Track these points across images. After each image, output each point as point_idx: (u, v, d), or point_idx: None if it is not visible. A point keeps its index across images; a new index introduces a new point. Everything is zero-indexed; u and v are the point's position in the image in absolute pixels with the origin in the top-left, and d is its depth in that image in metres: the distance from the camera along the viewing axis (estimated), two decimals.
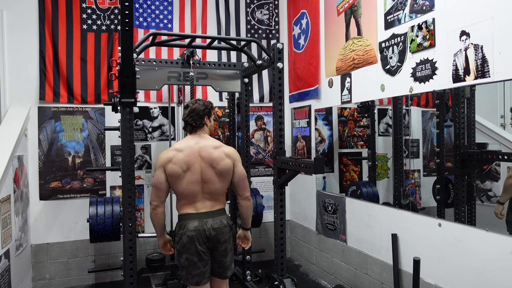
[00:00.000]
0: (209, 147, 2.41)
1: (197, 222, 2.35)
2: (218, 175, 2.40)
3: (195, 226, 2.34)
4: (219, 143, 2.49)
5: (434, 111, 2.79)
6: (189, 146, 2.40)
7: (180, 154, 2.36)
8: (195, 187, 2.37)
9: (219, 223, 2.39)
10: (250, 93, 4.32)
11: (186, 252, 2.34)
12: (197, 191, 2.38)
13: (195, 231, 2.33)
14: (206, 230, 2.34)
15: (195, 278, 2.36)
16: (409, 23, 2.68)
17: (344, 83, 3.45)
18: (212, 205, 2.43)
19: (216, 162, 2.39)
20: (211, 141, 2.47)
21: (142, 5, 4.05)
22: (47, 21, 3.72)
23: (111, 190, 3.98)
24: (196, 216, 2.37)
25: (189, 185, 2.36)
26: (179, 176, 2.34)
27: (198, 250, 2.33)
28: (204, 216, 2.38)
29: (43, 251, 3.77)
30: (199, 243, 2.33)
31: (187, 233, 2.33)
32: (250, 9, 4.44)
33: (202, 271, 2.37)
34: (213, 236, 2.35)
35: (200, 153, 2.39)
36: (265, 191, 4.49)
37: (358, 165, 3.73)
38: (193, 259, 2.34)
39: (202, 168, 2.37)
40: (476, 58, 2.17)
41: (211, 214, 2.40)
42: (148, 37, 2.79)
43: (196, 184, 2.37)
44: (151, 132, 4.11)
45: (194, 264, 2.35)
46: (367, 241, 3.21)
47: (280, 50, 2.91)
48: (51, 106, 3.78)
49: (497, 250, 2.11)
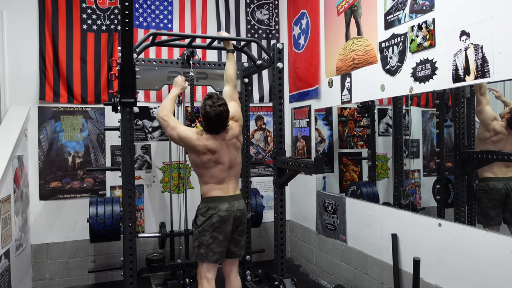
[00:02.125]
0: (232, 135, 2.63)
1: (228, 204, 2.58)
2: (237, 152, 2.69)
3: (226, 207, 2.57)
4: (235, 130, 2.66)
5: (434, 111, 2.79)
6: (218, 141, 2.58)
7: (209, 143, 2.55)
8: (224, 174, 2.61)
9: (243, 206, 2.68)
10: (250, 93, 4.32)
11: (214, 231, 2.53)
12: (225, 175, 2.62)
13: (226, 212, 2.55)
14: (234, 211, 2.59)
15: (215, 255, 2.56)
16: (409, 23, 2.68)
17: (344, 83, 3.45)
18: (235, 189, 2.70)
19: (236, 142, 2.67)
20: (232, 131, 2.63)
21: (142, 5, 4.05)
22: (47, 21, 3.72)
23: (111, 190, 3.98)
24: (226, 198, 2.60)
25: (220, 172, 2.60)
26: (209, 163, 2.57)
27: (227, 230, 2.56)
28: (232, 198, 2.63)
29: (43, 251, 3.77)
30: (229, 223, 2.56)
31: (219, 213, 2.54)
32: (250, 9, 4.44)
33: (223, 250, 2.59)
34: (238, 217, 2.61)
35: (228, 143, 2.61)
36: (265, 191, 4.49)
37: (358, 165, 3.74)
38: (219, 237, 2.54)
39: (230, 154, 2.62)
40: (476, 58, 2.17)
41: (236, 197, 2.67)
42: (148, 37, 2.79)
43: (225, 171, 2.62)
44: (151, 132, 4.11)
45: (219, 242, 2.55)
46: (367, 241, 3.21)
47: (280, 50, 2.91)
48: (51, 106, 3.78)
49: (497, 250, 2.11)
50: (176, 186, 4.03)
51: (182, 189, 3.97)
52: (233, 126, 2.66)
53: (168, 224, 3.94)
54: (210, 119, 2.48)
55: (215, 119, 2.47)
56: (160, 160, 4.13)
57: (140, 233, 3.95)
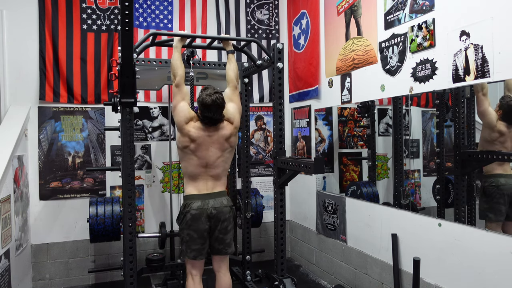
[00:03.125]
0: (221, 137, 2.64)
1: (200, 203, 2.59)
2: (225, 156, 2.68)
3: (198, 206, 2.58)
4: (229, 130, 2.67)
5: (434, 111, 2.79)
6: (203, 136, 2.59)
7: (194, 141, 2.58)
8: (201, 169, 2.62)
9: (220, 204, 2.63)
10: (250, 93, 4.32)
11: (189, 229, 2.58)
12: (202, 171, 2.63)
13: (197, 210, 2.57)
14: (207, 209, 2.58)
15: (193, 252, 2.61)
16: (409, 23, 2.68)
17: (344, 83, 3.45)
18: (214, 187, 2.67)
19: (228, 146, 2.67)
20: (224, 130, 2.64)
21: (142, 5, 4.05)
22: (47, 21, 3.72)
23: (111, 190, 3.98)
24: (199, 197, 2.61)
25: (194, 168, 2.62)
26: (189, 155, 2.60)
27: (201, 228, 2.58)
28: (206, 196, 2.62)
29: (43, 251, 3.77)
30: (201, 222, 2.57)
31: (191, 211, 2.57)
32: (250, 9, 4.44)
33: (200, 248, 2.61)
34: (214, 215, 2.59)
35: (212, 144, 2.62)
36: (265, 191, 4.49)
37: (358, 165, 3.74)
38: (193, 235, 2.58)
39: (210, 156, 2.62)
40: (476, 58, 2.17)
41: (213, 195, 2.65)
42: (148, 37, 2.79)
43: (201, 167, 2.62)
44: (151, 132, 4.11)
45: (194, 240, 2.59)
46: (367, 241, 3.21)
47: (280, 50, 2.91)
48: (51, 106, 3.78)
49: (497, 250, 2.11)
50: (176, 186, 4.04)
51: (182, 189, 3.96)
52: (226, 127, 2.66)
53: (168, 224, 3.94)
54: (205, 105, 2.52)
55: (211, 104, 2.51)
56: (160, 160, 4.13)
57: (140, 233, 3.95)
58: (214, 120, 2.59)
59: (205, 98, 2.52)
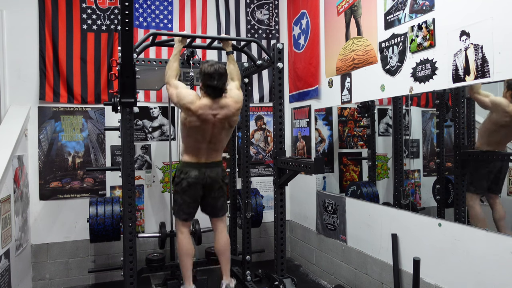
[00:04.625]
0: (224, 116, 2.67)
1: (197, 172, 2.72)
2: (226, 133, 2.78)
3: (196, 174, 2.71)
4: (233, 107, 2.70)
5: (434, 111, 2.79)
6: (208, 115, 2.62)
7: (198, 119, 2.62)
8: (203, 145, 2.72)
9: (216, 174, 2.78)
10: (250, 93, 4.32)
11: (184, 194, 2.76)
12: (204, 147, 2.73)
13: (195, 179, 2.71)
14: (203, 178, 2.73)
15: (184, 215, 2.83)
16: (409, 23, 2.68)
17: (344, 83, 3.45)
18: (212, 156, 2.78)
19: (228, 124, 2.73)
20: (227, 109, 2.67)
21: (142, 5, 4.05)
22: (47, 21, 3.72)
23: (111, 190, 3.98)
24: (197, 166, 2.73)
25: (198, 143, 2.71)
26: (190, 132, 2.68)
27: (196, 195, 2.77)
28: (204, 166, 2.74)
29: (43, 251, 3.77)
30: (197, 189, 2.75)
31: (188, 179, 2.71)
32: (250, 9, 4.44)
33: (191, 211, 2.84)
34: (209, 184, 2.76)
35: (216, 123, 2.67)
36: (265, 191, 4.49)
37: (358, 165, 3.73)
38: (187, 200, 2.77)
39: (213, 132, 2.69)
40: (476, 58, 2.17)
41: (210, 165, 2.77)
42: (148, 37, 2.79)
43: (204, 143, 2.71)
44: (151, 132, 4.11)
45: (188, 205, 2.79)
46: (367, 241, 3.21)
47: (280, 50, 2.91)
48: (51, 106, 3.78)
49: (497, 250, 2.11)
50: None
51: None
52: (230, 105, 2.70)
53: (168, 224, 3.94)
54: (208, 73, 2.58)
55: (213, 72, 2.57)
56: (160, 160, 4.13)
57: (140, 233, 3.95)
58: (218, 90, 2.62)
59: (207, 68, 2.59)
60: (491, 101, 2.33)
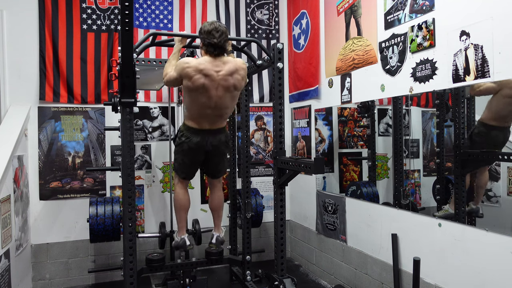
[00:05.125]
0: (228, 75, 2.64)
1: (200, 138, 2.75)
2: (231, 99, 2.76)
3: (198, 141, 2.75)
4: (235, 66, 2.67)
5: (434, 111, 2.79)
6: (211, 73, 2.58)
7: (201, 79, 2.57)
8: (207, 111, 2.70)
9: (218, 141, 2.81)
10: (250, 93, 4.32)
11: (184, 156, 2.83)
12: (209, 113, 2.72)
13: (196, 145, 2.76)
14: (205, 145, 2.77)
15: (183, 174, 2.93)
16: (409, 23, 2.68)
17: (344, 83, 3.45)
18: (216, 123, 2.79)
19: (234, 88, 2.70)
20: (229, 65, 2.65)
21: (142, 5, 4.05)
22: (47, 21, 3.72)
23: (111, 190, 3.98)
24: (200, 132, 2.75)
25: (202, 108, 2.68)
26: (194, 97, 2.65)
27: (196, 159, 2.86)
28: (207, 133, 2.76)
29: (43, 251, 3.77)
30: (198, 153, 2.81)
31: (189, 144, 2.76)
32: (250, 9, 4.44)
33: (190, 171, 2.94)
34: (210, 151, 2.81)
35: (220, 82, 2.63)
36: (265, 191, 4.49)
37: (358, 165, 3.73)
38: (187, 161, 2.85)
39: (218, 96, 2.66)
40: (476, 58, 2.17)
41: (213, 132, 2.79)
42: (148, 37, 2.79)
43: (209, 108, 2.69)
44: (151, 132, 4.11)
45: (187, 165, 2.88)
46: (367, 241, 3.21)
47: (280, 50, 2.91)
48: (51, 106, 3.78)
49: (497, 250, 2.11)
50: None
51: None
52: (234, 62, 2.68)
53: (168, 224, 3.94)
54: (208, 31, 2.57)
55: (212, 29, 2.57)
56: (160, 160, 4.13)
57: (140, 233, 3.95)
58: (219, 47, 2.59)
59: (206, 26, 2.61)
60: (495, 82, 2.29)
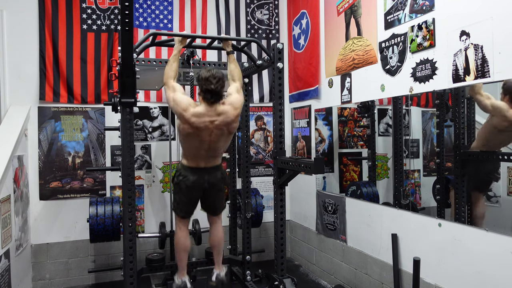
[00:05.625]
0: (223, 124, 2.66)
1: (197, 176, 2.75)
2: (225, 139, 2.77)
3: (194, 179, 2.74)
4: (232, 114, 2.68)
5: (434, 111, 2.79)
6: (205, 123, 2.61)
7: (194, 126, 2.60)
8: (201, 152, 2.72)
9: (215, 178, 2.81)
10: (250, 93, 4.32)
11: (182, 195, 2.81)
12: (202, 154, 2.73)
13: (193, 184, 2.75)
14: (202, 183, 2.76)
15: (182, 213, 2.89)
16: (409, 23, 2.68)
17: (344, 83, 3.45)
18: (211, 161, 2.80)
19: (227, 130, 2.72)
20: (224, 116, 2.65)
21: (142, 5, 4.05)
22: (47, 21, 3.72)
23: (111, 190, 3.98)
24: (196, 171, 2.76)
25: (196, 150, 2.71)
26: (188, 140, 2.68)
27: (193, 197, 2.84)
28: (203, 171, 2.77)
29: (43, 251, 3.77)
30: (195, 192, 2.80)
31: (186, 182, 2.75)
32: (250, 9, 4.44)
33: (188, 210, 2.89)
34: (207, 189, 2.80)
35: (213, 131, 2.66)
36: (265, 191, 4.49)
37: (358, 165, 3.73)
38: (184, 200, 2.83)
39: (211, 140, 2.68)
40: (476, 58, 2.17)
41: (209, 169, 2.79)
42: (148, 37, 2.79)
43: (202, 150, 2.71)
44: (151, 132, 4.11)
45: (185, 204, 2.85)
46: (367, 241, 3.21)
47: (280, 50, 2.91)
48: (51, 106, 3.78)
49: (497, 250, 2.11)
50: None
51: None
52: (228, 112, 2.66)
53: (168, 224, 3.94)
54: (205, 78, 2.59)
55: (209, 76, 2.58)
56: (160, 160, 4.13)
57: (140, 233, 3.95)
58: (216, 93, 2.60)
59: (204, 73, 2.63)
60: (492, 104, 2.32)
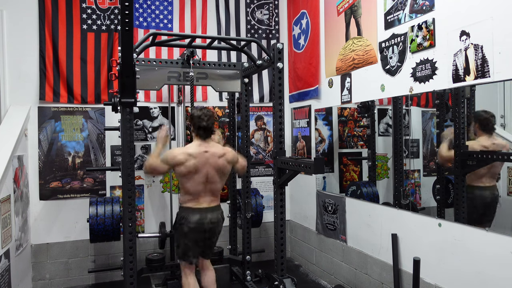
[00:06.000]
0: (216, 156, 2.77)
1: (199, 216, 2.74)
2: (220, 177, 2.83)
3: (197, 219, 2.73)
4: (223, 150, 2.83)
5: (434, 111, 2.79)
6: (200, 153, 2.72)
7: (192, 160, 2.68)
8: (200, 187, 2.75)
9: (217, 218, 2.83)
10: (250, 93, 4.32)
11: (186, 238, 2.78)
12: (201, 189, 2.76)
13: (196, 224, 2.73)
14: (205, 223, 2.75)
15: (189, 258, 2.84)
16: (409, 23, 2.68)
17: (344, 83, 3.45)
18: (212, 201, 2.82)
19: (221, 170, 2.80)
20: (216, 148, 2.81)
21: (142, 5, 4.05)
22: (47, 21, 3.72)
23: (111, 190, 3.98)
24: (198, 211, 2.75)
25: (196, 185, 2.73)
26: (188, 177, 2.71)
27: (198, 238, 2.79)
28: (204, 211, 2.77)
29: (43, 251, 3.77)
30: (199, 233, 2.77)
31: (189, 224, 2.73)
32: (250, 9, 4.44)
33: (194, 253, 2.83)
34: (210, 228, 2.79)
35: (208, 160, 2.74)
36: (265, 191, 4.49)
37: (358, 165, 3.73)
38: (189, 243, 2.79)
39: (208, 172, 2.74)
40: (476, 58, 2.17)
41: (211, 209, 2.80)
42: (148, 37, 2.79)
43: (201, 184, 2.75)
44: (151, 132, 4.11)
45: (190, 247, 2.81)
46: (367, 241, 3.21)
47: (280, 50, 2.91)
48: (51, 106, 3.78)
49: (497, 250, 2.11)
50: (176, 186, 4.03)
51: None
52: (226, 155, 2.82)
53: (168, 224, 3.94)
54: (197, 116, 2.75)
55: (201, 114, 2.75)
56: None
57: (140, 233, 3.95)
58: (208, 129, 2.75)
59: (196, 112, 2.79)
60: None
